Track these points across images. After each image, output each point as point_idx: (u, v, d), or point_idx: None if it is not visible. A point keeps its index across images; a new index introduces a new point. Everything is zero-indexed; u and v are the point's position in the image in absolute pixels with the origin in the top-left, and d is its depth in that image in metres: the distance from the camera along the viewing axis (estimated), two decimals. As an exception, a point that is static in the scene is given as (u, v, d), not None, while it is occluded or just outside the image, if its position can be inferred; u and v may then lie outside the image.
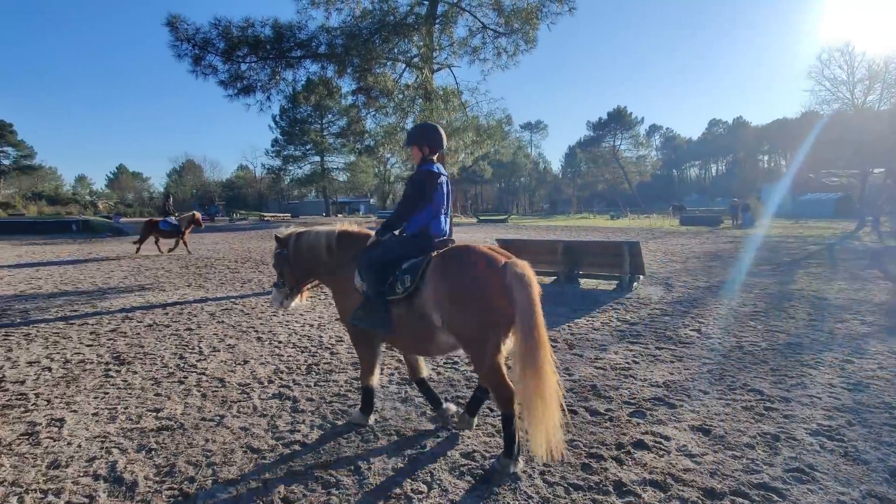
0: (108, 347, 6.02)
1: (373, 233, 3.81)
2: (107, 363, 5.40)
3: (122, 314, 7.93)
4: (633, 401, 4.22)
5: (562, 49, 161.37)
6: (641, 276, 10.15)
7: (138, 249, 17.55)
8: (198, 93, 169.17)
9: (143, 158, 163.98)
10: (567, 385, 4.62)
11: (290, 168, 66.57)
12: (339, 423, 3.86)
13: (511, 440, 3.09)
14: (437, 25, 13.28)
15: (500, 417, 3.23)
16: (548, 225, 40.46)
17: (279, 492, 2.92)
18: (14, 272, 13.12)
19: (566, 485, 2.93)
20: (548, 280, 10.81)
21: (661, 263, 13.83)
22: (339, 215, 63.73)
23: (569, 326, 6.88)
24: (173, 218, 17.77)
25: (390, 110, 12.99)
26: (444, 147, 3.87)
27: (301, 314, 7.75)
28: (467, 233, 28.86)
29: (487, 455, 3.30)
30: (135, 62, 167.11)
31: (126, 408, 4.17)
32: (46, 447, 3.49)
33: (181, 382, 4.78)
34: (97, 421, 3.93)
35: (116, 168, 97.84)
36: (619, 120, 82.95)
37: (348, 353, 5.69)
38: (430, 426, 3.78)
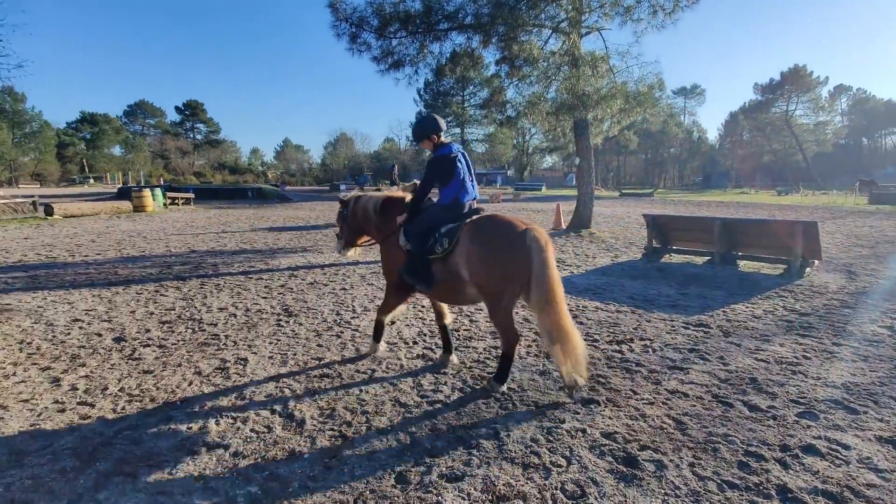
0: (279, 300, 6.86)
1: (408, 197, 4.54)
2: (278, 314, 6.17)
3: (289, 272, 8.95)
4: (802, 400, 3.76)
5: (728, 1, 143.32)
6: (817, 262, 8.88)
7: None
8: (353, 70, 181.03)
9: (304, 132, 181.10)
10: (721, 375, 4.25)
11: (432, 140, 68.72)
12: (478, 388, 3.99)
13: (505, 371, 3.93)
14: (587, -14, 12.58)
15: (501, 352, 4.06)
16: (700, 200, 37.02)
17: (424, 445, 3.13)
18: (206, 231, 15.44)
19: (719, 481, 2.73)
20: (700, 260, 9.96)
21: (843, 248, 11.96)
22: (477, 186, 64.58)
23: (724, 312, 6.29)
24: (398, 188, 18.03)
25: (534, 79, 12.71)
26: (444, 128, 4.32)
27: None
28: (608, 207, 27.54)
29: (630, 438, 3.19)
30: (297, 43, 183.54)
31: (294, 354, 4.74)
32: (234, 381, 4.12)
33: (338, 336, 5.30)
34: (272, 363, 4.52)
35: (283, 141, 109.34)
36: (794, 80, 71.67)
37: (486, 322, 5.82)
38: (569, 401, 3.74)
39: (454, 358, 4.58)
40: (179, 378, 4.18)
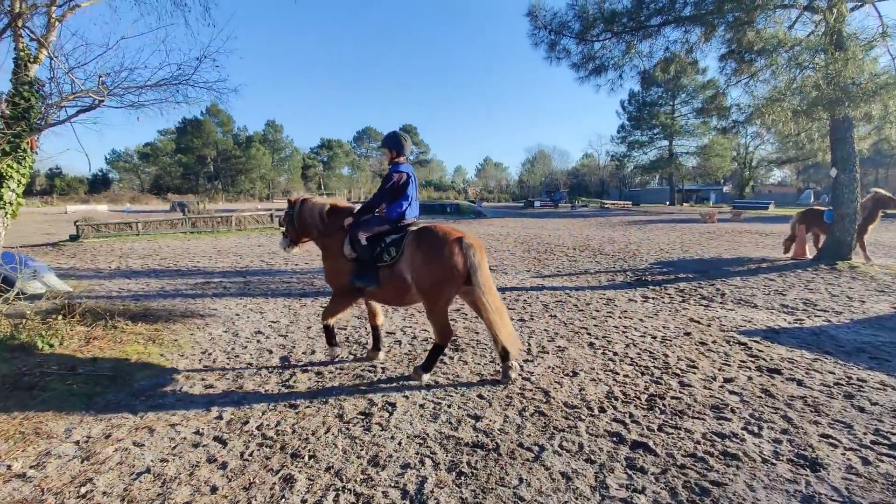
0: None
1: (355, 207, 4.81)
2: (444, 346, 5.47)
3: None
4: None
5: None
6: None
7: (787, 249, 12.67)
8: (552, 86, 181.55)
9: (505, 150, 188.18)
10: None
11: (635, 154, 64.19)
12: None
13: (432, 362, 4.40)
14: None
15: (433, 344, 4.49)
16: None
17: None
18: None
19: None
20: None
21: None
22: (685, 204, 58.18)
23: None
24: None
25: (776, 70, 10.15)
26: (407, 152, 4.68)
27: (640, 320, 6.57)
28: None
29: None
30: (499, 64, 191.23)
31: (449, 406, 3.91)
32: (374, 435, 3.43)
33: (505, 386, 4.33)
34: (421, 415, 3.75)
35: (483, 159, 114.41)
36: None
37: (705, 387, 4.27)
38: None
39: (381, 355, 5.03)
40: (319, 421, 3.65)
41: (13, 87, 5.30)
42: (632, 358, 5.08)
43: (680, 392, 4.20)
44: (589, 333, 5.98)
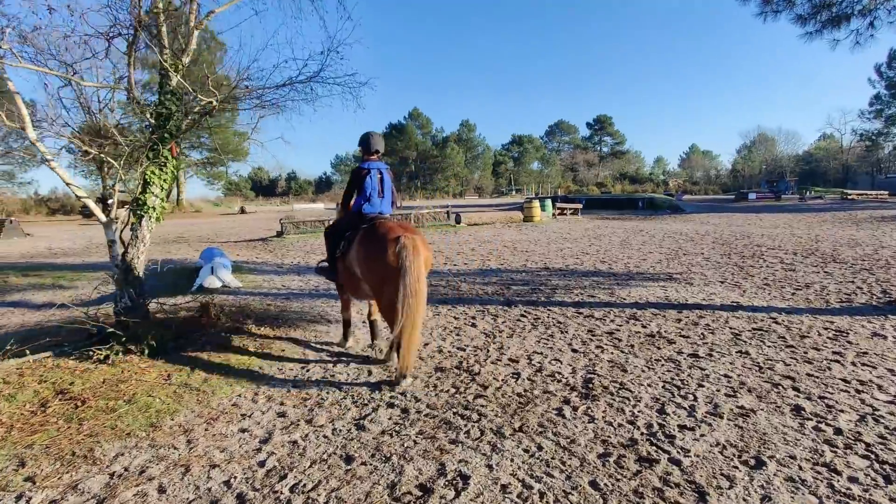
0: (588, 360, 4.86)
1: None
2: (572, 388, 4.20)
3: (632, 311, 6.76)
4: None
5: None
6: None
7: None
8: (770, 57, 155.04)
9: (715, 137, 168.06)
10: None
11: (895, 131, 50.65)
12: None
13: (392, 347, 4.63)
14: None
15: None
16: None
17: None
18: (574, 244, 14.54)
19: None
20: None
21: None
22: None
23: None
24: None
25: None
26: (374, 149, 4.90)
27: (891, 370, 4.35)
28: None
29: None
30: (698, 37, 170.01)
31: (542, 496, 2.72)
32: (419, 530, 2.47)
33: (638, 470, 2.95)
34: (503, 499, 2.65)
35: (689, 148, 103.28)
36: None
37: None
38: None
39: (380, 344, 5.29)
40: (363, 491, 2.81)
41: (158, 96, 5.57)
42: (868, 444, 3.19)
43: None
44: (796, 388, 4.09)
